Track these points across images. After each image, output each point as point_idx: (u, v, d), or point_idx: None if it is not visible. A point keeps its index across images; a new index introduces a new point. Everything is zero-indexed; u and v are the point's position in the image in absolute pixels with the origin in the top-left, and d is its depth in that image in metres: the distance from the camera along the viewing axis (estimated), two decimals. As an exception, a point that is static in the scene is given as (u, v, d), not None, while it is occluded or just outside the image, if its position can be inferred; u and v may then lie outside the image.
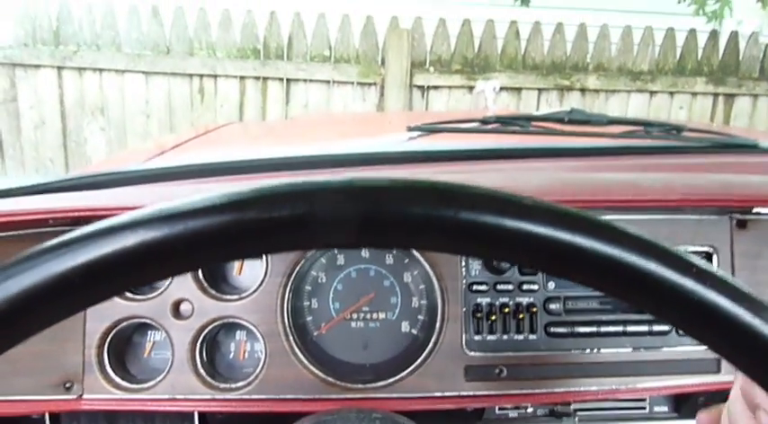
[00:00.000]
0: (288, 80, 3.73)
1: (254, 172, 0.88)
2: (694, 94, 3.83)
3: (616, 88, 3.81)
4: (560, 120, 0.98)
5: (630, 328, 0.74)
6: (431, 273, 0.75)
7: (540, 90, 3.82)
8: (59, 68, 3.70)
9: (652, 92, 3.84)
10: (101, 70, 3.70)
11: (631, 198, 0.69)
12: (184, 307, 0.73)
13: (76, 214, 0.64)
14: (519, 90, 3.79)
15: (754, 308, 0.29)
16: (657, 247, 0.31)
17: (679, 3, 3.65)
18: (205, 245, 0.31)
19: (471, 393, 0.73)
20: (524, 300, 0.75)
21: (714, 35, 3.82)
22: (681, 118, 3.83)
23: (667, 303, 0.30)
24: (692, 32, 3.82)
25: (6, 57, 3.66)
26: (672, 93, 3.84)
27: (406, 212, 0.31)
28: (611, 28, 3.82)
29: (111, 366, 0.72)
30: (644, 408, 0.80)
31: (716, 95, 3.84)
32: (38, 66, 3.69)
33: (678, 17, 3.99)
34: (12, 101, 3.78)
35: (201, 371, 0.73)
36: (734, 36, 3.85)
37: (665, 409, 0.81)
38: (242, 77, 3.71)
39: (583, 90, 3.81)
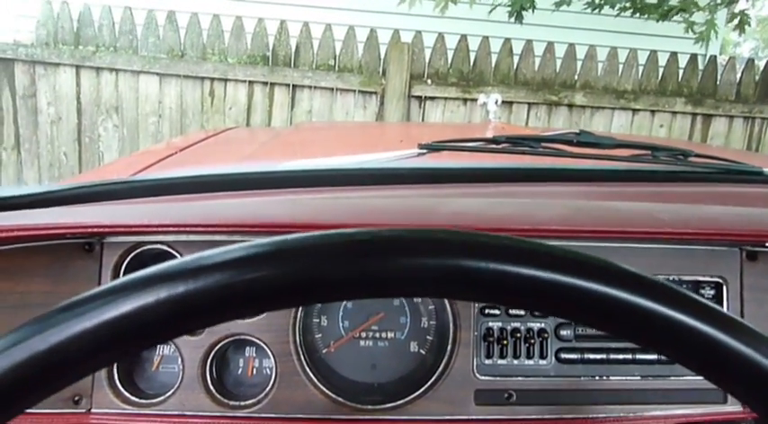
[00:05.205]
0: (294, 86, 3.67)
1: (266, 186, 0.82)
2: (674, 114, 3.81)
3: (601, 105, 3.78)
4: (569, 142, 0.93)
5: (639, 356, 0.69)
6: None
7: (529, 104, 3.78)
8: (78, 67, 3.62)
9: (634, 111, 3.81)
10: (117, 70, 3.62)
11: (648, 230, 0.64)
12: (196, 324, 0.67)
13: (95, 230, 0.58)
14: (510, 103, 3.74)
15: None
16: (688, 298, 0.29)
17: (658, 22, 3.61)
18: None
19: (481, 417, 0.68)
20: (536, 326, 0.70)
21: (694, 59, 3.80)
22: (661, 134, 3.81)
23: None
24: (674, 55, 3.80)
25: (28, 55, 3.58)
26: (653, 112, 3.81)
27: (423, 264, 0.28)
28: (597, 48, 3.79)
29: (120, 381, 0.66)
30: (648, 435, 0.75)
31: (694, 115, 3.82)
32: (57, 65, 3.61)
33: (662, 39, 3.97)
34: (30, 97, 3.69)
35: (211, 388, 0.67)
36: (712, 60, 3.82)
37: (669, 436, 0.76)
38: (251, 82, 3.65)
39: (570, 106, 3.78)
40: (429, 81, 3.72)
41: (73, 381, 0.25)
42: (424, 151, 0.97)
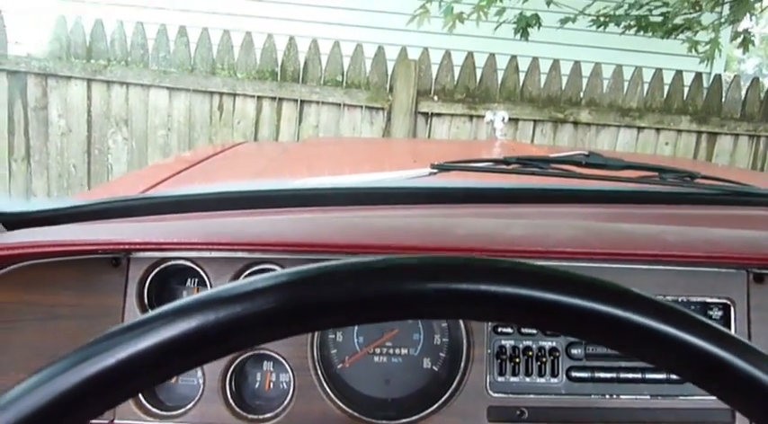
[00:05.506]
0: (302, 101, 3.72)
1: (284, 205, 0.84)
2: (679, 131, 3.84)
3: (606, 123, 3.81)
4: (578, 163, 0.96)
5: (649, 375, 0.71)
6: None
7: (535, 121, 3.82)
8: (89, 80, 3.67)
9: (640, 128, 3.84)
10: (128, 84, 3.68)
11: (657, 253, 0.66)
12: (218, 338, 0.69)
13: (126, 246, 0.61)
14: (516, 120, 3.78)
15: None
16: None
17: (662, 38, 3.65)
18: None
19: (493, 434, 0.69)
20: (547, 344, 0.72)
21: (699, 77, 3.83)
22: (666, 152, 3.83)
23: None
24: (679, 73, 3.83)
25: (41, 67, 3.64)
26: (658, 130, 3.84)
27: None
28: (603, 66, 3.82)
29: (142, 393, 0.69)
30: (657, 453, 0.76)
31: (699, 133, 3.85)
32: (69, 78, 3.66)
33: (667, 56, 4.01)
34: (42, 109, 3.74)
35: (231, 401, 0.69)
36: (717, 78, 3.86)
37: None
38: (259, 97, 3.70)
39: (575, 123, 3.81)
40: (435, 97, 3.76)
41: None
42: (436, 171, 1.00)
